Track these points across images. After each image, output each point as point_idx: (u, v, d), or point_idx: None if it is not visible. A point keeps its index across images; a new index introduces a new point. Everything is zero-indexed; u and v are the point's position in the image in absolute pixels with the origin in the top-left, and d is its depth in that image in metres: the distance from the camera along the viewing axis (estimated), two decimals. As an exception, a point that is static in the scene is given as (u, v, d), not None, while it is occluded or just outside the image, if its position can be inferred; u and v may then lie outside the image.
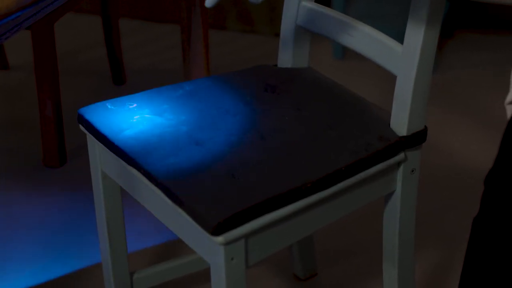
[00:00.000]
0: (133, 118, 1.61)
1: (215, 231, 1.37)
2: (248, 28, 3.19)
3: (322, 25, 1.72)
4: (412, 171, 1.61)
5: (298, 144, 1.55)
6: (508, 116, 1.27)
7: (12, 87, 2.85)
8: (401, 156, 1.58)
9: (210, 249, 1.42)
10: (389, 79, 1.73)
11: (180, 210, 1.43)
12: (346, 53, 2.99)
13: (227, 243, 1.39)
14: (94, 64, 2.97)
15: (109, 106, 1.65)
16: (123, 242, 1.76)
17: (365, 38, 1.63)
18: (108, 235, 1.73)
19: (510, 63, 2.04)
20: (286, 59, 1.79)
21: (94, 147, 1.66)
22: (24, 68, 2.92)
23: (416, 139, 1.59)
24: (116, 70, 2.82)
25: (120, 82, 2.83)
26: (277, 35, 3.08)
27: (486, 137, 2.55)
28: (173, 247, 2.14)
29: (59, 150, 2.43)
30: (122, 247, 1.76)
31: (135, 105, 1.65)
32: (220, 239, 1.38)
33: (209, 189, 1.43)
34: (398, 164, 1.59)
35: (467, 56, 3.01)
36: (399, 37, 1.59)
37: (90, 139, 1.65)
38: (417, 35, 1.51)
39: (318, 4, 1.74)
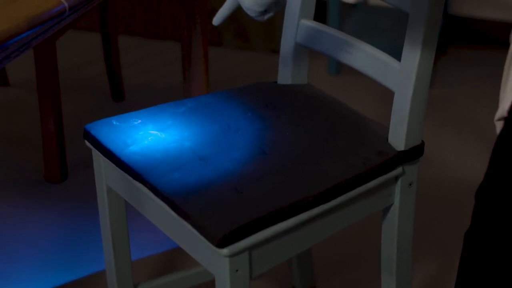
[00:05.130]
0: (138, 134, 1.64)
1: (220, 243, 1.40)
2: (244, 45, 3.21)
3: (321, 42, 1.75)
4: (410, 184, 1.65)
5: (299, 158, 1.58)
6: (498, 132, 1.30)
7: (12, 103, 2.87)
8: (399, 170, 1.62)
9: (215, 261, 1.45)
10: (384, 94, 1.76)
11: (185, 224, 1.46)
12: (341, 68, 3.02)
13: (232, 255, 1.42)
14: (93, 81, 2.98)
15: (114, 122, 1.67)
16: (127, 255, 1.78)
17: (364, 56, 1.67)
18: (113, 248, 1.76)
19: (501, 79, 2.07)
20: (285, 75, 1.83)
21: (99, 162, 1.69)
22: (24, 84, 2.93)
23: (414, 153, 1.62)
24: (115, 86, 2.83)
25: (119, 99, 2.85)
26: (274, 51, 3.11)
27: (479, 150, 2.58)
28: (176, 258, 2.16)
29: (60, 165, 2.44)
30: (127, 260, 1.79)
31: (139, 121, 1.68)
32: (225, 251, 1.41)
33: (213, 203, 1.46)
34: (396, 178, 1.63)
35: (460, 72, 3.03)
36: (394, 51, 1.61)
37: (96, 154, 1.68)
38: (414, 53, 1.55)
39: (317, 22, 1.77)
